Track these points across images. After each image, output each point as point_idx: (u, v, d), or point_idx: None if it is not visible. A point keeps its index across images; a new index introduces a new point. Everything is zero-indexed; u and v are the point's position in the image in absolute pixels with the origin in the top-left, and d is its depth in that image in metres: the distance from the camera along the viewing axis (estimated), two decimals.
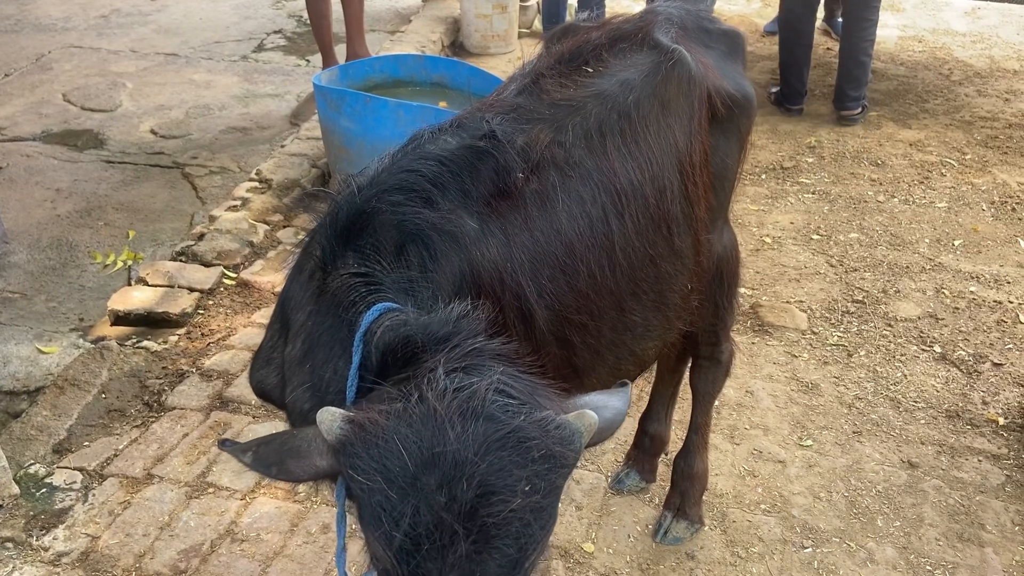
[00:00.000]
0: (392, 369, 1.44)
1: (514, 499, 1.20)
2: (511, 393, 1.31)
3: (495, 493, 1.20)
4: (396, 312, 1.49)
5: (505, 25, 6.51)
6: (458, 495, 1.19)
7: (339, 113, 4.28)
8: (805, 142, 5.26)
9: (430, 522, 1.19)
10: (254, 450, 1.39)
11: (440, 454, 1.21)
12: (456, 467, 1.21)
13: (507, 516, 1.20)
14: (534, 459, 1.24)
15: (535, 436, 1.26)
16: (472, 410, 1.25)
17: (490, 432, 1.24)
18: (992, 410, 3.31)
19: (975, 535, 2.80)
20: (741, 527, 2.81)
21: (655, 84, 1.99)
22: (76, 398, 3.22)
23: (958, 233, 4.41)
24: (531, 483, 1.23)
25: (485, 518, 1.19)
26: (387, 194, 1.61)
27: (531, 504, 1.22)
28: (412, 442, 1.23)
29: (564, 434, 1.29)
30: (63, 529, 2.74)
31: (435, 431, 1.23)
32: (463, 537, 1.19)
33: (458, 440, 1.22)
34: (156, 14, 7.33)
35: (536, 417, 1.28)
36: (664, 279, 2.01)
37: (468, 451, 1.22)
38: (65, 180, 4.84)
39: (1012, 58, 6.49)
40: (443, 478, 1.20)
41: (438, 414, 1.25)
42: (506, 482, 1.21)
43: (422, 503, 1.20)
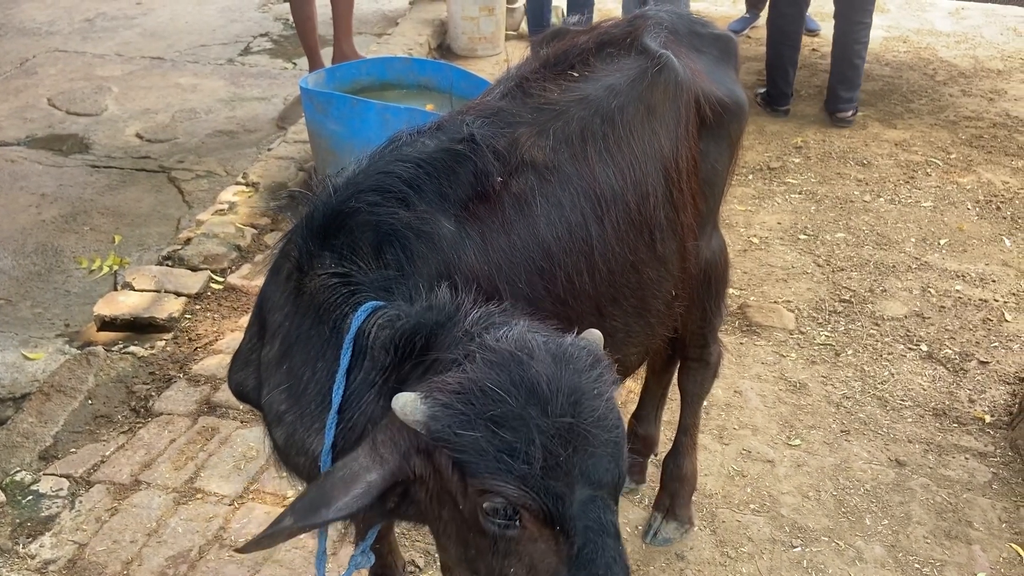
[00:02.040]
0: (404, 361, 1.46)
1: (603, 396, 1.36)
2: (540, 332, 1.43)
3: (586, 393, 1.34)
4: (385, 309, 1.48)
5: (492, 27, 6.51)
6: (561, 406, 1.31)
7: (326, 116, 4.26)
8: (792, 142, 5.29)
9: (554, 438, 1.29)
10: (291, 509, 1.37)
11: (533, 378, 1.32)
12: (550, 384, 1.31)
13: (604, 410, 1.35)
14: (592, 363, 1.40)
15: (583, 347, 1.42)
16: (528, 343, 1.37)
17: (553, 350, 1.37)
18: (978, 408, 3.33)
19: (963, 532, 2.82)
20: (730, 527, 2.81)
21: (641, 89, 1.98)
22: (62, 404, 3.20)
23: (944, 232, 4.44)
24: (602, 380, 1.38)
25: (589, 416, 1.32)
26: (363, 195, 1.61)
27: (610, 395, 1.39)
28: (503, 382, 1.31)
29: (593, 344, 1.46)
30: (50, 536, 2.72)
31: (515, 364, 1.33)
32: (586, 436, 1.31)
33: (538, 363, 1.33)
34: (142, 18, 7.30)
35: (572, 341, 1.43)
36: (647, 285, 2.01)
37: (550, 369, 1.33)
38: (50, 185, 4.81)
39: (996, 58, 6.54)
40: (543, 399, 1.30)
41: (507, 352, 1.35)
42: (589, 384, 1.36)
43: (539, 427, 1.28)
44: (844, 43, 5.33)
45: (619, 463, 1.36)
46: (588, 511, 1.31)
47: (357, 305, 1.52)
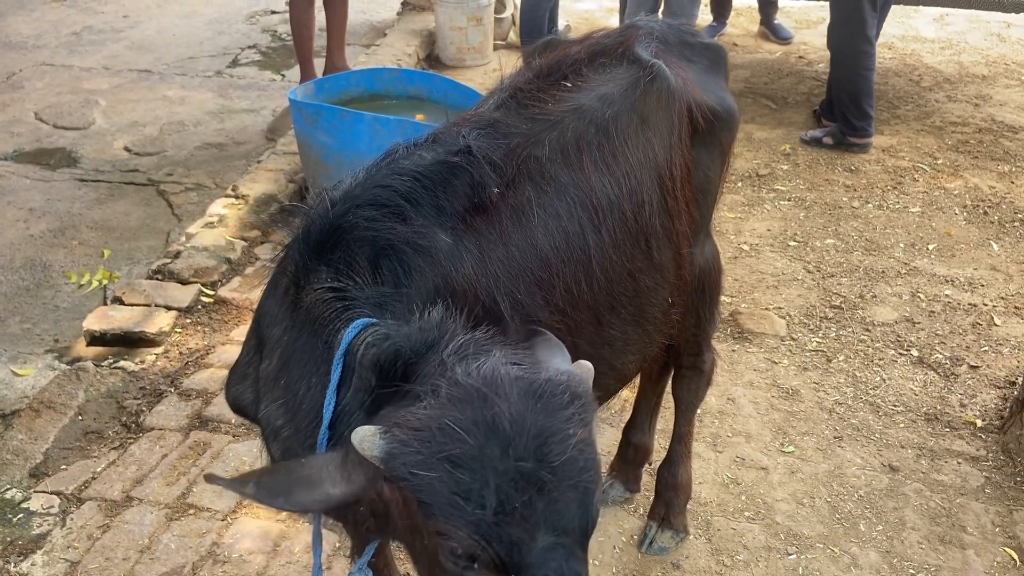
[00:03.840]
0: (386, 383, 1.44)
1: (571, 437, 1.29)
2: (521, 363, 1.39)
3: (554, 435, 1.28)
4: (376, 327, 1.48)
5: (480, 37, 6.53)
6: (524, 448, 1.25)
7: (315, 128, 4.26)
8: (780, 149, 5.31)
9: (517, 479, 1.24)
10: (256, 481, 1.37)
11: (494, 418, 1.27)
12: (513, 425, 1.27)
13: (573, 452, 1.28)
14: (569, 402, 1.34)
15: (561, 382, 1.36)
16: (500, 377, 1.32)
17: (525, 387, 1.32)
18: (970, 412, 3.35)
19: (956, 537, 2.82)
20: (726, 535, 2.81)
21: (634, 99, 2.00)
22: (52, 421, 3.17)
23: (932, 237, 4.46)
24: (575, 420, 1.32)
25: (554, 459, 1.27)
26: (360, 209, 1.61)
27: (583, 437, 1.32)
28: (464, 420, 1.27)
29: (576, 378, 1.40)
30: (41, 555, 2.70)
31: (479, 402, 1.29)
32: (547, 481, 1.25)
33: (504, 401, 1.28)
34: (129, 30, 7.28)
35: (551, 371, 1.39)
36: (643, 293, 2.02)
37: (516, 408, 1.28)
38: (38, 199, 4.79)
39: (980, 63, 6.60)
40: (505, 440, 1.26)
41: (473, 388, 1.31)
42: (559, 424, 1.30)
43: (496, 469, 1.24)
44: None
45: (587, 509, 1.31)
46: (548, 559, 1.25)
47: (349, 321, 1.52)
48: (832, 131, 5.30)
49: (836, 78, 5.23)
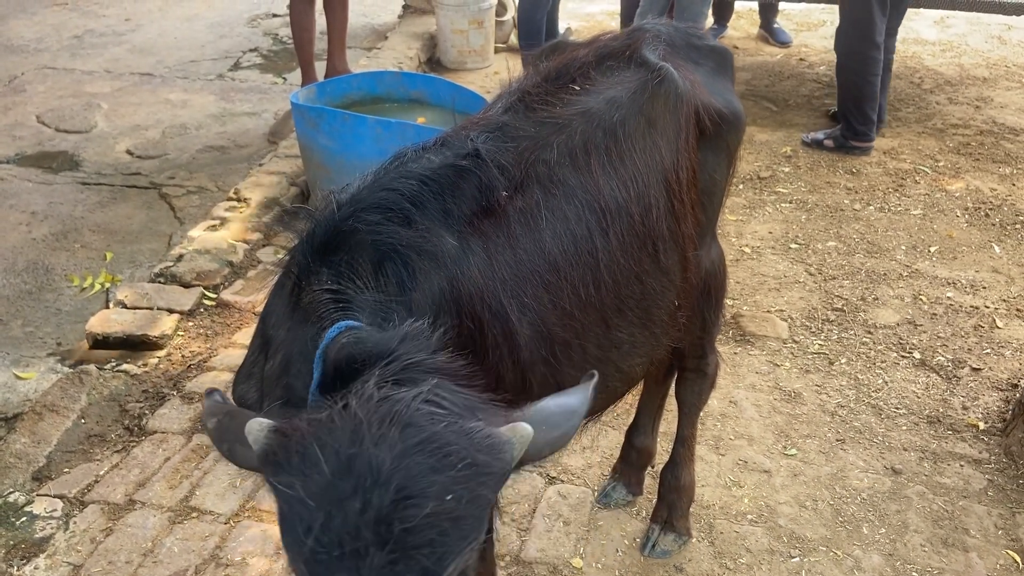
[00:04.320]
0: (339, 386, 1.42)
1: (429, 504, 1.17)
2: (442, 404, 1.29)
3: (410, 498, 1.17)
4: (356, 330, 1.48)
5: (482, 40, 6.54)
6: (373, 500, 1.16)
7: (317, 131, 4.27)
8: (781, 152, 5.32)
9: (342, 528, 1.16)
10: (220, 418, 1.38)
11: (355, 458, 1.19)
12: (371, 471, 1.18)
13: (422, 523, 1.16)
14: (454, 465, 1.21)
15: (457, 443, 1.23)
16: (393, 416, 1.23)
17: (408, 437, 1.21)
18: (972, 415, 3.35)
19: (959, 540, 2.82)
20: (728, 538, 2.81)
21: (642, 102, 2.00)
22: (55, 424, 3.17)
23: (933, 240, 4.46)
24: (450, 490, 1.19)
25: (399, 524, 1.16)
26: (365, 212, 1.61)
27: (449, 511, 1.19)
28: (330, 448, 1.21)
29: (492, 443, 1.26)
30: (44, 558, 2.70)
31: (352, 436, 1.21)
32: (375, 544, 1.15)
33: (374, 444, 1.20)
34: (130, 34, 7.29)
35: (462, 426, 1.26)
36: (650, 296, 2.02)
37: (384, 456, 1.19)
38: (40, 203, 4.79)
39: (981, 65, 6.60)
40: (358, 483, 1.17)
41: (358, 420, 1.23)
42: (422, 487, 1.18)
43: (335, 509, 1.17)
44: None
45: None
46: None
47: (336, 321, 1.53)
48: (833, 134, 5.31)
49: (842, 82, 5.24)
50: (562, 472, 3.05)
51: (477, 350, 1.68)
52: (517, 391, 1.79)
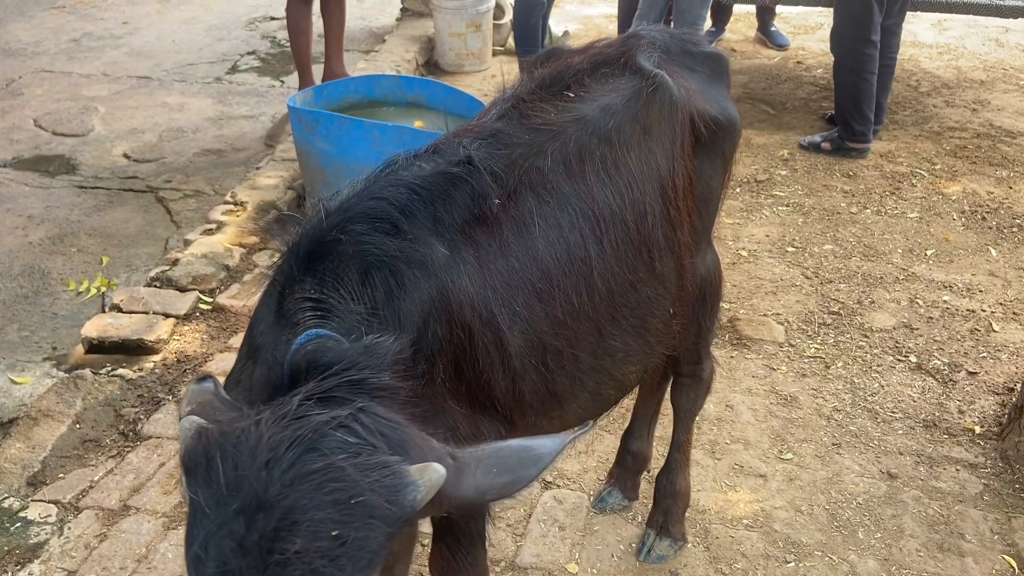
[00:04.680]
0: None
1: (308, 538, 1.13)
2: (356, 432, 1.24)
3: (291, 528, 1.14)
4: (323, 339, 1.48)
5: (479, 43, 6.54)
6: (257, 524, 1.14)
7: (314, 134, 4.27)
8: (778, 155, 5.32)
9: (227, 546, 1.14)
10: (194, 407, 1.36)
11: (245, 478, 1.17)
12: (256, 494, 1.15)
13: (297, 557, 1.13)
14: (343, 501, 1.16)
15: (352, 477, 1.18)
16: (297, 439, 1.19)
17: (304, 463, 1.17)
18: (968, 419, 3.34)
19: (955, 545, 2.82)
20: (724, 543, 2.81)
21: (637, 109, 1.99)
22: (50, 429, 3.17)
23: (930, 243, 4.46)
24: (335, 527, 1.15)
25: (274, 554, 1.13)
26: (351, 222, 1.61)
27: (329, 549, 1.14)
28: (229, 462, 1.19)
29: (391, 483, 1.20)
30: (38, 564, 2.69)
31: (251, 454, 1.19)
32: (254, 568, 1.13)
33: (266, 467, 1.17)
34: (128, 37, 7.29)
35: (365, 459, 1.21)
36: (645, 304, 2.02)
37: (274, 480, 1.16)
38: (37, 206, 4.79)
39: (979, 68, 6.61)
40: (244, 504, 1.15)
41: (261, 438, 1.20)
42: (305, 519, 1.14)
43: (224, 524, 1.16)
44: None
45: None
46: None
47: (308, 329, 1.52)
48: (831, 136, 5.31)
49: (839, 82, 5.25)
50: (558, 477, 3.05)
51: (467, 359, 1.67)
52: (509, 400, 1.78)
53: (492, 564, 2.69)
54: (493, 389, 1.73)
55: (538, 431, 2.06)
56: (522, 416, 1.85)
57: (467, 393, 1.71)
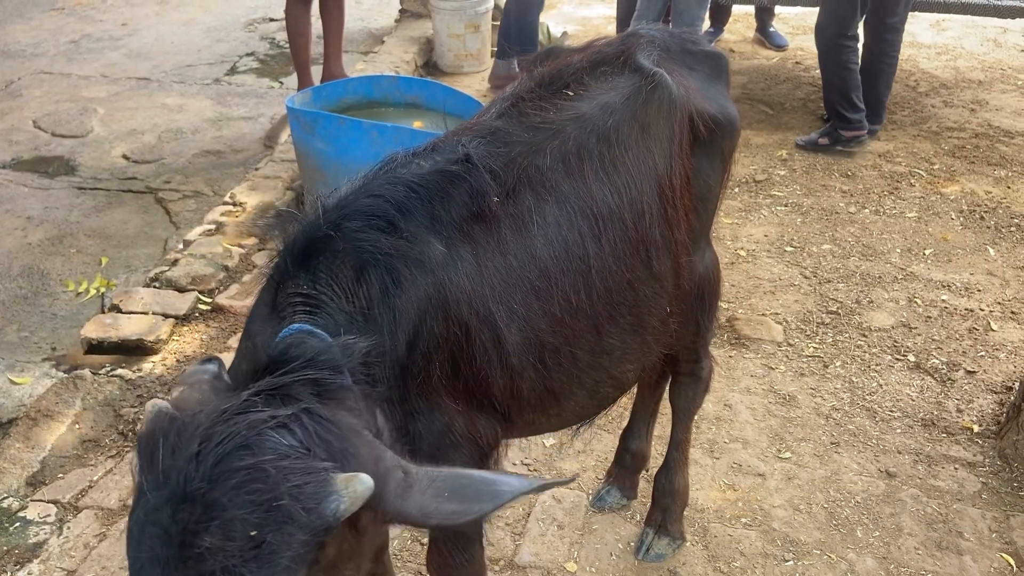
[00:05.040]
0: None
1: (224, 536, 1.14)
2: (296, 433, 1.23)
3: (206, 524, 1.15)
4: (303, 334, 1.48)
5: (478, 44, 6.55)
6: (178, 514, 1.16)
7: (313, 135, 4.27)
8: (777, 155, 5.32)
9: (155, 532, 1.16)
10: (185, 387, 1.38)
11: (176, 467, 1.19)
12: (182, 485, 1.17)
13: (207, 553, 1.13)
14: (262, 503, 1.16)
15: (274, 480, 1.17)
16: (229, 435, 1.20)
17: (231, 461, 1.18)
18: (967, 418, 3.35)
19: (953, 543, 2.82)
20: (723, 542, 2.81)
21: (635, 108, 1.99)
22: (49, 429, 3.17)
23: (928, 242, 4.47)
24: (252, 528, 1.15)
25: (191, 547, 1.14)
26: (348, 219, 1.61)
27: (240, 550, 1.14)
28: (168, 451, 1.21)
29: (313, 491, 1.18)
30: (38, 564, 2.69)
31: (184, 445, 1.20)
32: (175, 559, 1.15)
33: (195, 459, 1.18)
34: (127, 38, 7.30)
35: (293, 463, 1.20)
36: (643, 302, 2.02)
37: (198, 473, 1.17)
38: (36, 207, 4.79)
39: (977, 69, 6.61)
40: (172, 493, 1.17)
41: (199, 430, 1.22)
42: (223, 517, 1.15)
43: (151, 510, 1.18)
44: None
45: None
46: None
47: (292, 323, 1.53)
48: (826, 130, 5.37)
49: (825, 74, 5.33)
50: (557, 476, 3.05)
51: (464, 356, 1.68)
52: (507, 398, 1.79)
53: (491, 563, 2.70)
54: (491, 387, 1.74)
55: (536, 429, 2.07)
56: (520, 414, 1.85)
57: (464, 391, 1.71)
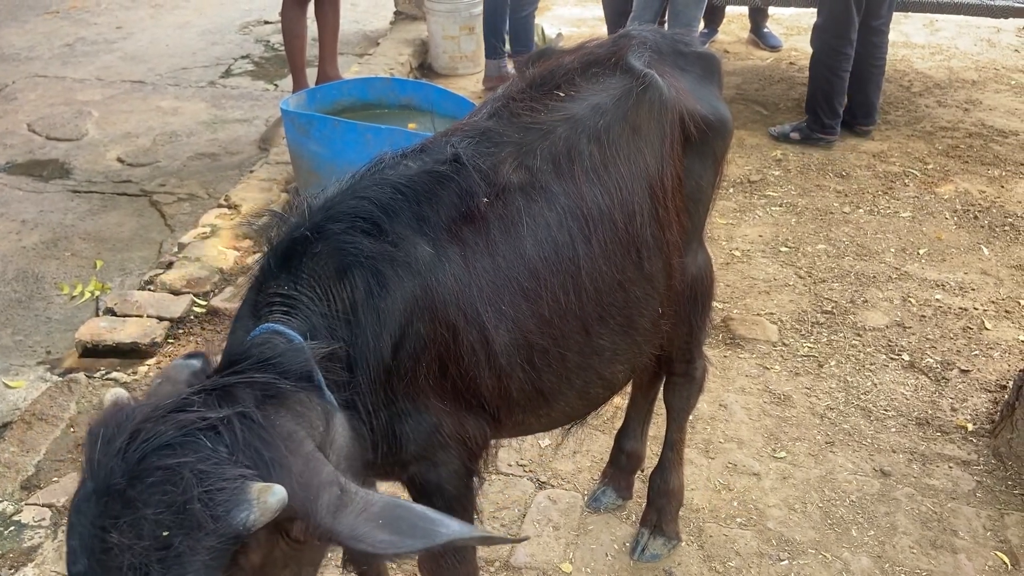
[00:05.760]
0: None
1: (124, 534, 1.15)
2: (223, 437, 1.23)
3: (117, 520, 1.17)
4: (271, 334, 1.49)
5: (473, 46, 6.55)
6: (100, 507, 1.18)
7: (307, 137, 4.27)
8: (771, 155, 5.33)
9: (81, 520, 1.20)
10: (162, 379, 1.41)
11: (103, 461, 1.21)
12: (106, 479, 1.19)
13: (117, 550, 1.15)
14: (172, 505, 1.17)
15: (188, 484, 1.18)
16: (156, 433, 1.21)
17: (153, 459, 1.19)
18: (961, 416, 3.36)
19: (948, 542, 2.83)
20: (718, 542, 2.82)
21: (626, 109, 2.00)
22: (44, 432, 3.17)
23: (922, 242, 4.48)
24: (160, 529, 1.16)
25: (108, 545, 1.16)
26: (332, 221, 1.62)
27: (147, 551, 1.15)
28: (102, 442, 1.23)
29: (224, 497, 1.18)
30: (32, 568, 2.69)
31: (116, 438, 1.22)
32: (98, 551, 1.17)
33: (120, 454, 1.20)
34: (122, 41, 7.29)
35: (212, 467, 1.20)
36: (633, 304, 2.02)
37: (121, 469, 1.19)
38: (31, 211, 4.79)
39: (970, 68, 6.63)
40: (98, 485, 1.20)
41: (133, 424, 1.23)
42: (130, 515, 1.16)
43: (83, 499, 1.21)
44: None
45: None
46: None
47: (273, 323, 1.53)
48: (799, 126, 5.44)
49: (814, 76, 5.37)
50: (552, 477, 3.06)
51: (451, 357, 1.68)
52: (496, 398, 1.79)
53: (487, 564, 2.70)
54: (479, 387, 1.74)
55: (526, 429, 2.07)
56: (509, 414, 1.85)
57: (452, 391, 1.71)
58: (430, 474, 1.76)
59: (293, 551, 1.30)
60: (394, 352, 1.60)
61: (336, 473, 1.30)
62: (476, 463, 1.84)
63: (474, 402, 1.75)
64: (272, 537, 1.24)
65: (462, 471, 1.79)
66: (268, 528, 1.21)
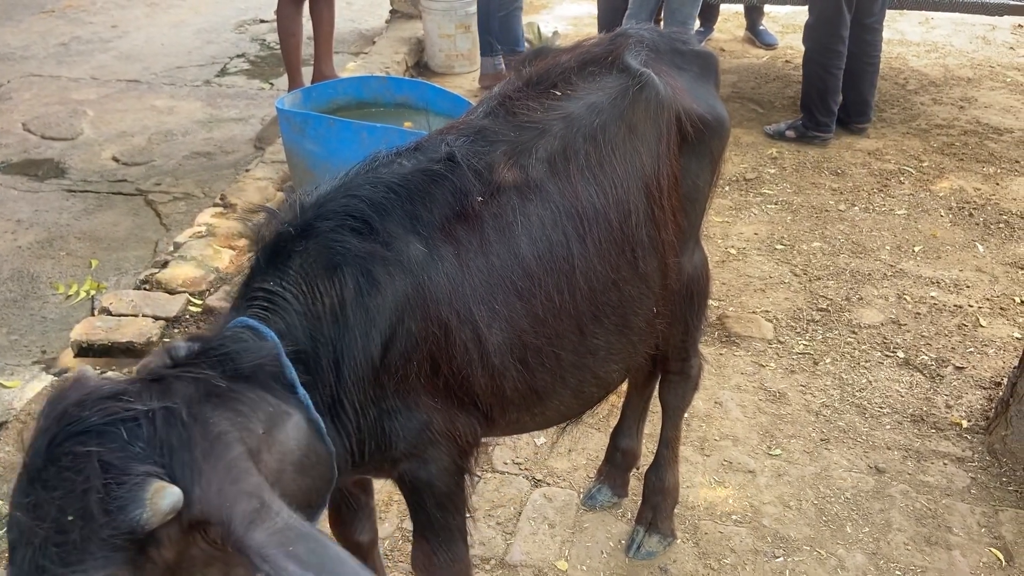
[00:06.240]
0: None
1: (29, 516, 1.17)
2: (142, 431, 1.22)
3: (26, 501, 1.19)
4: (241, 329, 1.49)
5: (468, 44, 6.55)
6: (22, 485, 1.21)
7: (303, 136, 4.27)
8: (767, 153, 5.34)
9: (13, 494, 1.23)
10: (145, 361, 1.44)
11: (34, 439, 1.24)
12: (33, 457, 1.22)
13: (26, 531, 1.17)
14: (73, 494, 1.17)
15: (92, 474, 1.17)
16: (82, 419, 1.22)
17: (67, 445, 1.20)
18: (955, 413, 3.36)
19: (942, 538, 2.84)
20: (713, 539, 2.82)
21: (623, 107, 1.99)
22: None
23: (918, 239, 4.49)
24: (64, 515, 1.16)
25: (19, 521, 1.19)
26: (322, 219, 1.62)
27: (47, 537, 1.16)
28: (42, 419, 1.26)
29: (120, 493, 1.17)
30: None
31: (49, 421, 1.25)
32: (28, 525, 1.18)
33: (46, 434, 1.22)
34: (117, 41, 7.28)
35: (118, 461, 1.19)
36: (628, 303, 2.02)
37: (41, 449, 1.21)
38: (26, 211, 4.78)
39: (966, 66, 6.64)
40: (28, 468, 1.22)
41: (67, 408, 1.24)
42: (36, 498, 1.18)
43: (18, 475, 1.23)
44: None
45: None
46: None
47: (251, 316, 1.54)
48: (795, 124, 5.45)
49: (808, 74, 5.39)
50: (547, 475, 3.06)
51: (444, 355, 1.68)
52: (489, 397, 1.79)
53: (482, 562, 2.70)
54: (472, 386, 1.74)
55: (520, 428, 2.07)
56: (503, 413, 1.85)
57: (444, 389, 1.71)
58: (420, 471, 1.76)
59: (218, 551, 1.27)
60: (384, 350, 1.60)
61: (262, 485, 1.24)
62: (467, 460, 1.84)
63: (467, 400, 1.75)
64: (187, 536, 1.22)
65: (453, 468, 1.79)
66: (180, 527, 1.20)
